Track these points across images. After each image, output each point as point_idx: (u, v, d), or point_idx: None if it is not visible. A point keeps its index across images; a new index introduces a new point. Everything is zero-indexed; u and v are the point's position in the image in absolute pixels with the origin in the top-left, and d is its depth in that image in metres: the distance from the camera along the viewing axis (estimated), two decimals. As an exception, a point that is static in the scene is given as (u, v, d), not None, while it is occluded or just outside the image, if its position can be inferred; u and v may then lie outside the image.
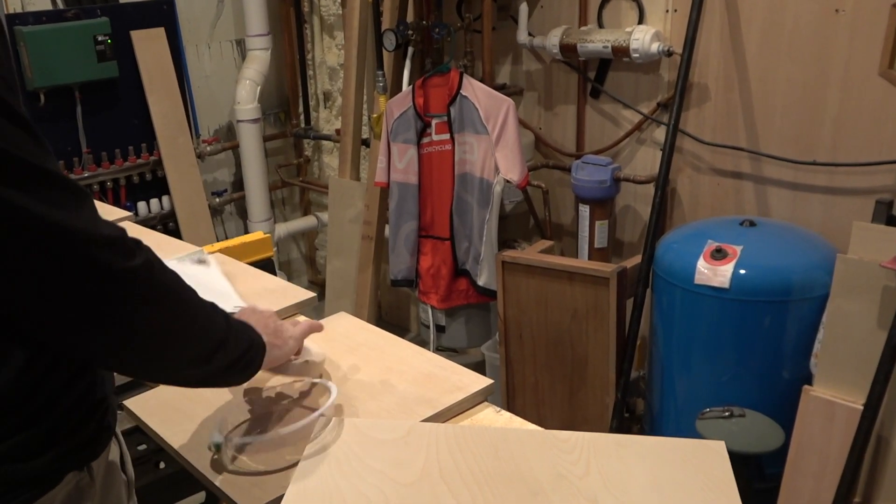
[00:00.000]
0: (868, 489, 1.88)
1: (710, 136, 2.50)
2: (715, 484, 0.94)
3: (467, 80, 2.63)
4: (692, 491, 0.93)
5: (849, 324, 1.87)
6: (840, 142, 2.23)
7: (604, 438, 1.04)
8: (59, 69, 2.98)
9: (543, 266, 2.43)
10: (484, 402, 1.23)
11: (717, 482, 0.95)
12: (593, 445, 1.03)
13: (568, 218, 2.98)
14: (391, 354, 1.34)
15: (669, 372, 2.30)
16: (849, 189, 2.24)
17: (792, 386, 2.04)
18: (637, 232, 2.78)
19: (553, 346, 2.50)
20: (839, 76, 2.19)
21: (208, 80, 3.58)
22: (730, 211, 2.50)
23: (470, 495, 0.96)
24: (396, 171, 2.81)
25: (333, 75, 3.69)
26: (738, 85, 2.40)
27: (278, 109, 3.86)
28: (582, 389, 2.48)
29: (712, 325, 2.16)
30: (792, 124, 2.32)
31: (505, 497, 0.95)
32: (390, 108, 2.78)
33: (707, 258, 2.13)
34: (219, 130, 3.66)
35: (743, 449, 1.93)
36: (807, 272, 2.08)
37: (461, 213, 2.73)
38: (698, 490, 0.93)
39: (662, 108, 2.59)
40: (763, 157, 2.39)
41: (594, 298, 2.36)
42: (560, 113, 2.91)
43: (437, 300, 2.84)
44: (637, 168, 2.71)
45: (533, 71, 2.95)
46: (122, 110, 3.25)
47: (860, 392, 1.83)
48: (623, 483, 0.96)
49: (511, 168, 2.57)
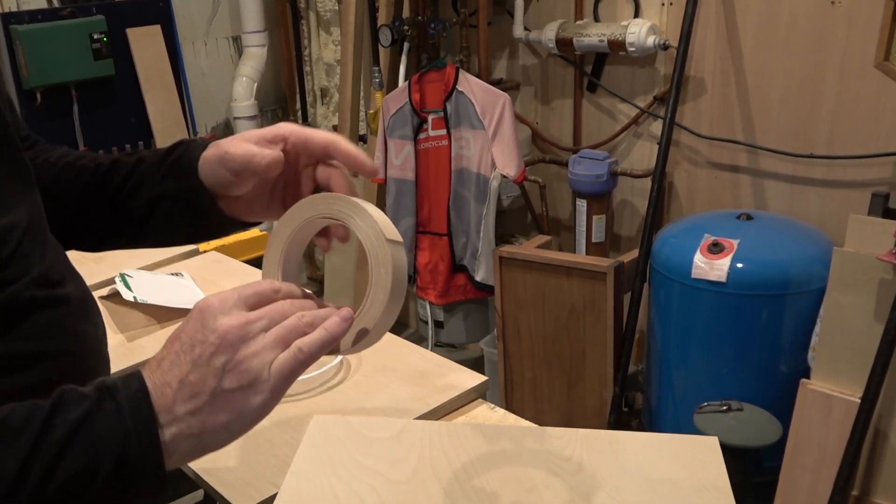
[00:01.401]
0: (866, 482, 1.88)
1: (706, 129, 2.49)
2: (708, 480, 0.94)
3: (463, 76, 2.62)
4: (685, 487, 0.93)
5: (846, 317, 1.87)
6: (837, 135, 2.22)
7: (597, 435, 1.04)
8: (56, 68, 2.98)
9: (541, 261, 2.43)
10: (478, 399, 1.23)
11: (710, 478, 0.95)
12: (587, 442, 1.02)
13: (565, 213, 2.97)
14: (386, 352, 1.34)
15: (667, 366, 2.30)
16: (846, 182, 2.24)
17: (789, 379, 2.04)
18: (634, 226, 2.78)
19: (551, 342, 2.50)
20: (836, 69, 2.18)
21: (205, 78, 3.57)
22: (727, 204, 2.50)
23: (463, 493, 0.96)
24: (393, 168, 2.81)
25: (330, 71, 3.68)
26: (734, 78, 2.40)
27: (275, 106, 3.85)
28: (580, 384, 2.48)
29: (710, 320, 2.16)
30: (789, 117, 2.31)
31: (498, 494, 0.95)
32: (386, 104, 2.77)
33: (704, 252, 2.12)
34: (216, 128, 3.65)
35: (741, 443, 1.94)
36: (804, 265, 2.08)
37: (458, 209, 2.73)
38: (692, 486, 0.93)
39: (659, 101, 2.58)
40: (760, 151, 2.39)
41: (592, 293, 2.36)
42: (557, 107, 2.91)
43: (435, 296, 2.84)
44: (634, 162, 2.71)
45: (529, 65, 2.94)
46: (119, 108, 3.25)
47: (857, 385, 1.83)
48: (616, 479, 0.96)
49: (508, 163, 2.57)
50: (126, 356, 1.40)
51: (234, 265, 1.77)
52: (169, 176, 0.81)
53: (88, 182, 0.86)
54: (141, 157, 0.85)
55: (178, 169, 0.80)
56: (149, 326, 1.48)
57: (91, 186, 0.86)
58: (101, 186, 0.85)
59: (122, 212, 0.85)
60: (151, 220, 0.84)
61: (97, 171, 0.86)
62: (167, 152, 0.83)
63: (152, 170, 0.83)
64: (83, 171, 0.87)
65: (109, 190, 0.85)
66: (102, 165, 0.86)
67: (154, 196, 0.82)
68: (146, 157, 0.85)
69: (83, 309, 0.82)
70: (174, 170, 0.81)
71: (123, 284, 1.52)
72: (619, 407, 2.38)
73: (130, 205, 0.84)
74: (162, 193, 0.82)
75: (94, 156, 0.89)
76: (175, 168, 0.81)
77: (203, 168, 0.79)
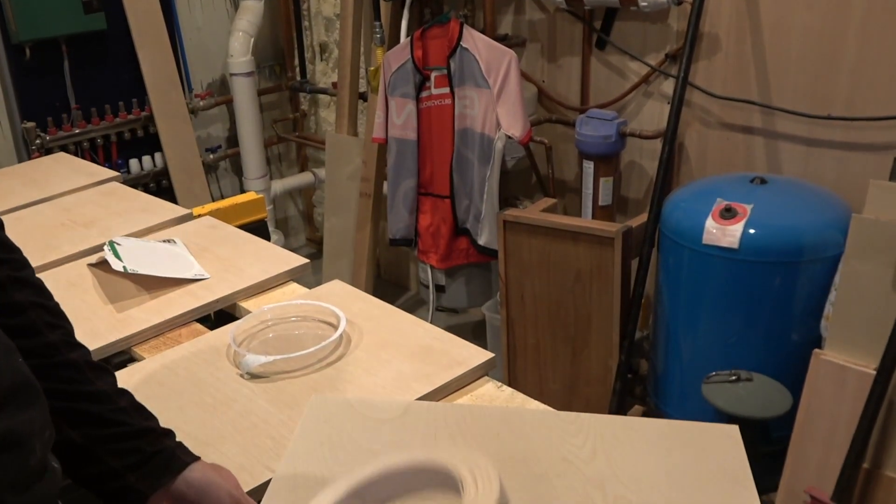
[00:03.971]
0: (877, 455, 1.84)
1: (720, 88, 2.40)
2: (728, 471, 0.89)
3: (468, 32, 2.52)
4: (705, 478, 0.88)
5: (863, 286, 1.81)
6: (857, 95, 2.13)
7: (611, 421, 0.98)
8: (45, 21, 2.88)
9: (546, 225, 2.36)
10: (485, 376, 1.18)
11: (730, 468, 0.89)
12: (600, 428, 0.97)
13: (571, 174, 2.90)
14: (388, 326, 1.29)
15: (675, 334, 2.25)
16: (865, 145, 2.16)
17: (801, 349, 1.99)
18: (643, 189, 2.70)
19: (555, 308, 2.44)
20: (857, 24, 2.08)
21: (200, 33, 3.46)
22: (740, 167, 2.42)
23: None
24: (394, 127, 2.72)
25: (330, 26, 3.57)
26: (750, 35, 2.30)
27: (273, 62, 3.74)
28: (584, 351, 2.43)
29: (720, 287, 2.10)
30: (806, 76, 2.22)
31: (507, 482, 0.90)
32: (388, 60, 2.68)
33: (716, 217, 2.06)
34: (212, 84, 3.55)
35: (750, 414, 1.89)
36: (819, 232, 2.01)
37: (461, 171, 2.65)
38: (711, 477, 0.88)
39: (671, 59, 2.49)
40: (775, 111, 2.30)
41: (598, 259, 2.29)
42: (564, 65, 2.81)
43: (436, 259, 2.78)
44: (644, 123, 2.62)
45: (536, 21, 2.84)
46: (112, 64, 3.15)
47: (873, 356, 1.77)
48: (631, 468, 0.90)
49: (513, 123, 2.49)
50: (116, 327, 1.35)
51: (228, 230, 1.70)
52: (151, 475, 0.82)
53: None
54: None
55: (163, 469, 0.83)
56: (139, 296, 1.42)
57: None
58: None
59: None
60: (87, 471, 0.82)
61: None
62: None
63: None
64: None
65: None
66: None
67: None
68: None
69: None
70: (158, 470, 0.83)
71: (113, 253, 1.46)
72: (625, 374, 2.33)
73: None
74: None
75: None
76: (162, 468, 0.83)
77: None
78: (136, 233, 1.68)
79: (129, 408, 0.85)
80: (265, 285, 1.48)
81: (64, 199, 1.94)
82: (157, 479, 0.82)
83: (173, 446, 0.85)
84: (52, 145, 2.97)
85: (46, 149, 2.95)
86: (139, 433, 0.83)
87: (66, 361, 0.82)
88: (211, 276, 1.48)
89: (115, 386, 0.86)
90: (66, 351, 0.83)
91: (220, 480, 0.84)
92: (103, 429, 0.81)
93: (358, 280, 3.10)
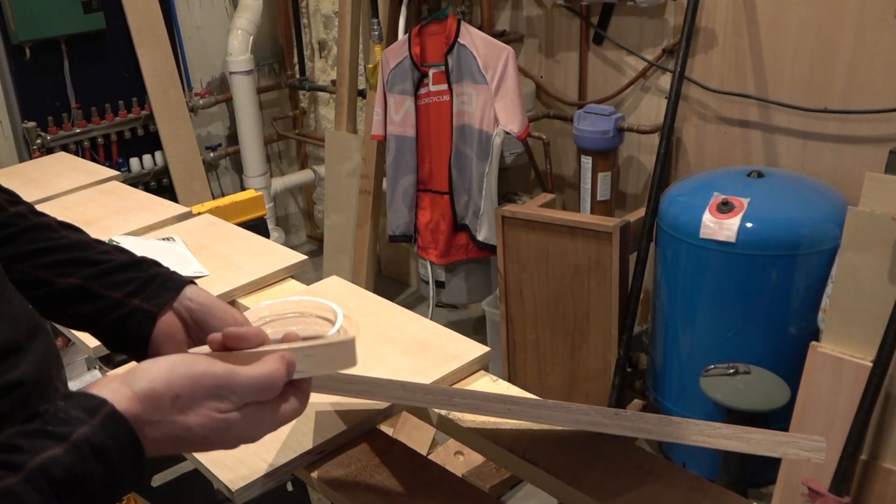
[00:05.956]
0: (875, 447, 1.85)
1: (717, 83, 2.41)
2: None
3: (465, 28, 2.53)
4: None
5: (859, 278, 1.82)
6: (853, 88, 2.14)
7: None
8: (44, 21, 2.89)
9: (544, 221, 2.37)
10: (480, 370, 1.18)
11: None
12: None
13: (570, 170, 2.90)
14: (384, 321, 1.29)
15: (673, 328, 2.26)
16: (861, 138, 2.16)
17: (799, 342, 2.00)
18: (641, 184, 2.71)
19: (554, 302, 2.45)
20: (853, 18, 2.09)
21: (199, 31, 3.47)
22: (737, 161, 2.43)
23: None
24: (393, 124, 2.73)
25: (328, 24, 3.58)
26: (746, 29, 2.30)
27: (272, 60, 3.75)
28: (584, 346, 2.44)
29: (718, 280, 2.11)
30: (803, 70, 2.22)
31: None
32: (386, 57, 2.69)
33: (713, 211, 2.07)
34: (211, 83, 3.56)
35: (748, 407, 1.90)
36: (816, 225, 2.02)
37: (460, 167, 2.66)
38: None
39: (668, 54, 2.49)
40: (772, 105, 2.31)
41: (596, 253, 2.30)
42: (562, 60, 2.81)
43: (436, 255, 2.79)
44: (641, 117, 2.63)
45: (533, 16, 2.84)
46: (111, 64, 3.16)
47: (869, 348, 1.78)
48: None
49: (511, 119, 2.49)
50: (116, 325, 1.36)
51: (227, 228, 1.71)
52: (156, 294, 0.81)
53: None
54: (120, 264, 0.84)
55: (163, 288, 0.82)
56: (139, 294, 1.43)
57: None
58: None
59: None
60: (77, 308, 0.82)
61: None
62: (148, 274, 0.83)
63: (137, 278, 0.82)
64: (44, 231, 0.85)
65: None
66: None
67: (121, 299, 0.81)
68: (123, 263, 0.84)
69: (41, 391, 0.73)
70: (160, 288, 0.82)
71: (112, 250, 1.47)
72: (624, 368, 2.34)
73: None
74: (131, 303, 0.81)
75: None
76: (161, 287, 0.82)
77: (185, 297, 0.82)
78: (136, 231, 1.69)
79: (112, 249, 0.86)
80: (263, 282, 1.48)
81: (64, 198, 1.95)
82: (161, 296, 0.80)
83: (167, 270, 0.85)
84: (52, 145, 2.98)
85: (47, 148, 2.96)
86: (130, 264, 0.83)
87: (38, 224, 0.85)
88: (210, 273, 1.49)
89: (91, 237, 0.88)
90: (34, 216, 0.86)
91: (218, 300, 0.84)
92: (95, 267, 0.82)
93: (359, 277, 3.11)
